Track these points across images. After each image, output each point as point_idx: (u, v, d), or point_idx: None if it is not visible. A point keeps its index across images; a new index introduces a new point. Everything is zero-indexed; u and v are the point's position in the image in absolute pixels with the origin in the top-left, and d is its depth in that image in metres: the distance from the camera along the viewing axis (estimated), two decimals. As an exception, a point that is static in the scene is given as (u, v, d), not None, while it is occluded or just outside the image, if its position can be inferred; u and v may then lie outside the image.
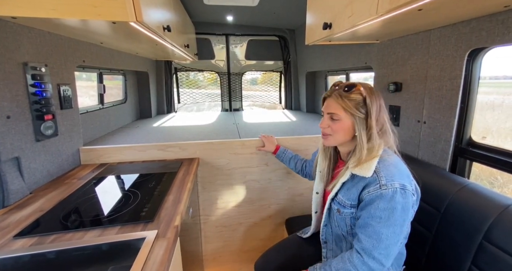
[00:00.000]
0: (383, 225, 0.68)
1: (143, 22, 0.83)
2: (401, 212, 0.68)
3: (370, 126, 0.73)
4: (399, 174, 0.70)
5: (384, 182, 0.69)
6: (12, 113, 0.87)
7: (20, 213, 0.81)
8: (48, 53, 1.04)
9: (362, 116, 0.74)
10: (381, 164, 0.72)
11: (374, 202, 0.70)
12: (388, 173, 0.70)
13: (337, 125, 0.77)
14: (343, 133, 0.77)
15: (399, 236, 0.69)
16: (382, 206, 0.68)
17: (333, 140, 0.80)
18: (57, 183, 1.04)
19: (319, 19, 1.15)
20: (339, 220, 0.81)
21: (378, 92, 0.78)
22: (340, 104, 0.74)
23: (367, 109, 0.73)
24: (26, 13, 0.75)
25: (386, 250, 0.68)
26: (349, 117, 0.75)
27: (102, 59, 1.50)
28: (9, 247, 0.63)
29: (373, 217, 0.69)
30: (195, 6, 2.01)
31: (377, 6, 0.68)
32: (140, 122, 2.19)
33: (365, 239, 0.70)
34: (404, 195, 0.68)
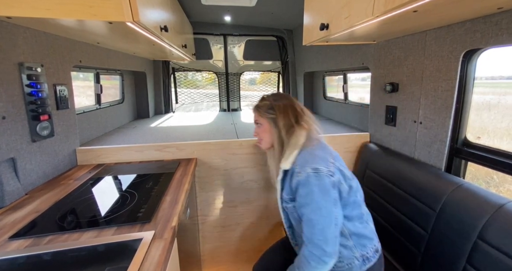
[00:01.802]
0: (310, 211, 0.74)
1: (140, 22, 0.83)
2: (319, 194, 0.73)
3: (282, 122, 0.88)
4: (312, 159, 0.78)
5: (298, 170, 0.78)
6: (7, 114, 0.87)
7: (15, 214, 0.80)
8: (44, 53, 1.03)
9: (273, 116, 0.90)
10: (300, 154, 0.82)
11: (298, 190, 0.78)
12: (302, 161, 0.79)
13: (261, 129, 0.95)
14: (267, 134, 0.93)
15: (328, 218, 0.73)
16: (301, 192, 0.76)
17: (264, 143, 0.96)
18: (53, 184, 1.04)
19: (316, 20, 1.15)
20: (291, 216, 0.88)
21: (288, 95, 0.96)
22: (258, 112, 0.94)
23: (274, 110, 0.90)
24: (21, 13, 0.74)
25: (322, 235, 0.72)
26: (266, 121, 0.92)
27: (98, 59, 1.49)
28: (4, 249, 0.63)
29: (301, 205, 0.77)
30: (192, 6, 2.00)
31: (373, 8, 0.69)
32: (137, 122, 2.18)
33: (305, 229, 0.75)
34: (318, 177, 0.74)
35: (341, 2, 0.88)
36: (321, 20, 1.03)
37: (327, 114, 2.47)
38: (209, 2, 1.88)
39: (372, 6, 0.69)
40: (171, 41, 1.32)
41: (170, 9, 1.44)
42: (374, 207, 1.31)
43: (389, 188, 1.21)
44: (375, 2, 0.67)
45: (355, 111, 1.94)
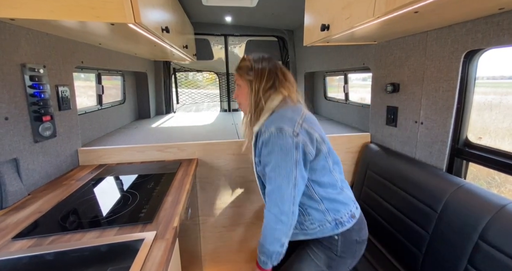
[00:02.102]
0: (270, 169, 0.75)
1: (142, 23, 0.83)
2: (280, 153, 0.73)
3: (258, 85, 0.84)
4: (280, 120, 0.77)
5: (263, 129, 0.78)
6: (10, 115, 0.87)
7: (18, 215, 0.81)
8: (46, 54, 1.04)
9: (251, 78, 0.85)
10: (271, 116, 0.82)
11: (261, 150, 0.79)
12: (269, 122, 0.79)
13: (240, 91, 0.90)
14: (244, 97, 0.89)
15: (286, 178, 0.73)
16: (264, 151, 0.77)
17: (243, 107, 0.92)
18: (55, 185, 1.04)
19: (317, 21, 1.15)
20: (264, 180, 0.86)
21: (272, 58, 0.89)
22: (237, 73, 0.89)
23: (253, 71, 0.85)
24: (24, 15, 0.75)
25: (279, 193, 0.74)
26: (245, 82, 0.87)
27: (100, 60, 1.50)
28: (7, 249, 0.63)
29: (264, 164, 0.78)
30: (193, 7, 2.01)
31: (374, 9, 0.69)
32: (138, 123, 2.19)
33: (267, 189, 0.78)
34: (280, 136, 0.73)
35: (342, 3, 0.88)
36: (322, 21, 1.04)
37: (328, 114, 2.47)
38: (210, 3, 1.89)
39: (373, 7, 0.69)
40: (172, 41, 1.33)
41: (171, 10, 1.44)
42: (375, 207, 1.31)
43: (390, 189, 1.21)
44: (376, 3, 0.67)
45: (356, 111, 1.94)
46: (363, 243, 0.88)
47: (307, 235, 0.86)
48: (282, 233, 0.76)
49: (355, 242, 0.84)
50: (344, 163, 1.60)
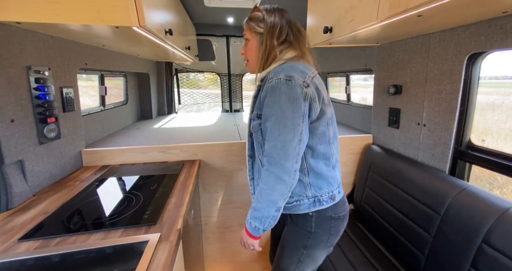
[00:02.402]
0: (274, 121, 0.67)
1: (146, 26, 0.84)
2: (287, 102, 0.65)
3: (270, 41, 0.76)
4: (289, 69, 0.70)
5: (271, 76, 0.70)
6: (16, 117, 0.88)
7: (24, 216, 0.82)
8: (51, 56, 1.05)
9: (262, 31, 0.77)
10: (279, 66, 0.73)
11: (265, 100, 0.69)
12: (278, 70, 0.71)
13: (248, 46, 0.82)
14: (252, 53, 0.81)
15: (292, 131, 0.66)
16: (268, 100, 0.68)
17: (250, 65, 0.84)
18: (60, 186, 1.05)
19: (319, 23, 1.16)
20: (255, 140, 0.79)
21: (286, 11, 0.81)
22: (247, 25, 0.81)
23: (265, 24, 0.76)
24: (30, 19, 0.75)
25: (283, 149, 0.66)
26: (254, 36, 0.79)
27: (103, 61, 1.51)
28: (14, 250, 0.64)
29: (266, 117, 0.69)
30: (196, 8, 2.01)
31: (377, 13, 0.69)
32: (141, 123, 2.20)
33: (267, 145, 0.69)
34: (289, 85, 0.66)
35: (345, 6, 0.89)
36: (325, 23, 1.04)
37: None
38: (212, 4, 1.89)
39: (377, 11, 0.69)
40: (175, 43, 1.34)
41: (174, 11, 1.45)
42: (377, 209, 1.31)
43: (392, 190, 1.21)
44: (380, 7, 0.68)
45: (358, 112, 1.94)
46: (340, 220, 0.82)
47: (289, 210, 0.80)
48: (281, 194, 0.69)
49: (329, 218, 0.79)
50: (346, 164, 1.60)
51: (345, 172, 1.62)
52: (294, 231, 0.84)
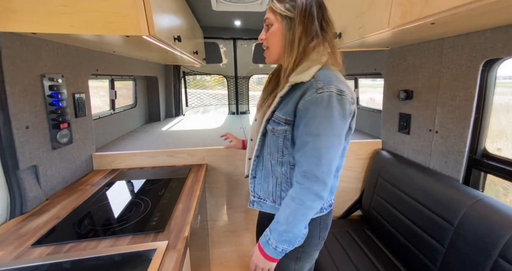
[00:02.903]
0: (322, 139, 0.62)
1: (155, 35, 0.85)
2: (338, 120, 0.62)
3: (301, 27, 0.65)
4: (336, 80, 0.64)
5: (321, 86, 0.62)
6: (30, 124, 0.91)
7: (37, 220, 0.84)
8: (64, 64, 1.08)
9: (291, 14, 0.65)
10: (321, 71, 0.66)
11: (309, 110, 0.62)
12: (326, 78, 0.64)
13: (270, 32, 0.70)
14: (275, 40, 0.69)
15: (338, 148, 0.64)
16: (318, 113, 0.61)
17: (270, 54, 0.73)
18: (71, 189, 1.08)
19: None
20: (272, 143, 0.74)
21: None
22: (271, 6, 0.69)
23: (295, 6, 0.65)
24: (45, 30, 0.78)
25: (328, 167, 0.63)
26: (279, 20, 0.67)
27: (114, 66, 1.54)
28: (28, 256, 0.66)
29: (310, 131, 0.63)
30: (204, 12, 2.03)
31: (388, 20, 0.68)
32: (149, 126, 2.23)
33: (305, 161, 0.64)
34: (341, 101, 0.62)
35: (354, 12, 0.87)
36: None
37: None
38: (220, 8, 1.90)
39: (388, 19, 0.68)
40: (183, 49, 1.35)
41: (183, 17, 1.47)
42: (386, 216, 1.28)
43: (402, 198, 1.18)
44: (391, 15, 0.66)
45: (366, 116, 1.90)
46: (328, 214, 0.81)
47: None
48: (315, 212, 0.66)
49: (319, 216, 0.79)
50: (354, 169, 1.58)
51: (353, 177, 1.60)
52: None
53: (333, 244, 1.29)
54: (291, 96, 0.68)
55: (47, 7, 0.75)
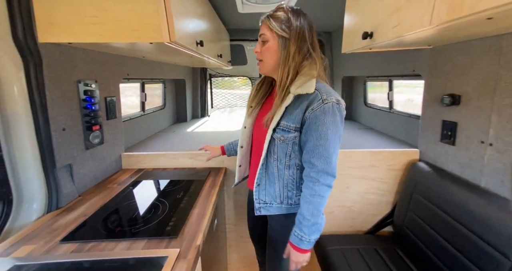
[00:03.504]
0: (330, 141, 0.74)
1: (176, 41, 0.86)
2: (339, 125, 0.76)
3: (294, 47, 0.75)
4: (333, 92, 0.77)
5: (325, 97, 0.74)
6: (67, 126, 0.99)
7: (68, 216, 0.91)
8: (98, 70, 1.16)
9: (286, 35, 0.75)
10: (319, 84, 0.77)
11: (319, 119, 0.74)
12: (326, 90, 0.76)
13: (266, 47, 0.79)
14: (270, 54, 0.80)
15: (336, 150, 0.77)
16: (327, 120, 0.73)
17: (264, 66, 0.83)
18: (101, 187, 1.15)
19: (358, 27, 1.04)
20: (280, 150, 0.83)
21: (307, 15, 0.80)
22: (268, 24, 0.77)
23: (290, 28, 0.75)
24: (79, 39, 0.84)
25: (335, 163, 0.77)
26: (275, 37, 0.77)
27: (144, 71, 1.62)
28: (55, 251, 0.71)
29: (321, 135, 0.74)
30: (230, 15, 2.04)
31: (431, 16, 0.57)
32: (176, 127, 2.32)
33: (318, 161, 0.76)
34: (339, 109, 0.75)
35: (389, 8, 0.77)
36: (365, 28, 0.93)
37: (368, 122, 2.26)
38: (246, 10, 1.89)
39: (430, 15, 0.58)
40: (206, 53, 1.36)
41: (207, 21, 1.48)
42: (422, 237, 1.13)
43: (443, 219, 1.03)
44: (434, 10, 0.56)
45: (401, 121, 1.72)
46: None
47: (289, 210, 0.89)
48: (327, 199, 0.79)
49: None
50: (385, 181, 1.43)
51: (383, 189, 1.45)
52: (287, 232, 0.89)
53: (358, 261, 1.18)
54: (296, 106, 0.78)
55: (80, 19, 0.81)
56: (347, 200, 1.48)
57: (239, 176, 1.08)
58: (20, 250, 0.71)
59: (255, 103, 0.95)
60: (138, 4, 0.79)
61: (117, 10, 0.80)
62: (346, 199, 1.48)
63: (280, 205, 0.89)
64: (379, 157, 1.40)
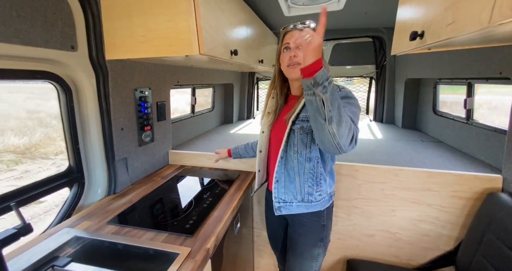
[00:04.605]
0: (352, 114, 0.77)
1: (206, 53, 0.92)
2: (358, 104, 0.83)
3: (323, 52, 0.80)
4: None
5: (342, 87, 0.84)
6: (124, 126, 1.20)
7: (120, 201, 1.11)
8: (151, 79, 1.35)
9: None
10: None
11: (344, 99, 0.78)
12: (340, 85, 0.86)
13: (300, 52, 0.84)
14: None
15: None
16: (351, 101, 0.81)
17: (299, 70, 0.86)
18: (148, 179, 1.35)
19: (409, 25, 0.87)
20: (299, 141, 0.87)
21: None
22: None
23: None
24: (133, 56, 1.00)
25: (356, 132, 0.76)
26: None
27: (193, 77, 1.80)
28: (102, 230, 0.88)
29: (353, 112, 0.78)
30: (276, 19, 2.03)
31: (491, 13, 0.43)
32: (222, 128, 2.49)
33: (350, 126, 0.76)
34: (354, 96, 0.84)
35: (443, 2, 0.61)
36: (412, 27, 0.77)
37: (437, 134, 1.87)
38: (292, 13, 1.84)
39: (491, 11, 0.43)
40: (243, 60, 1.40)
41: (247, 28, 1.51)
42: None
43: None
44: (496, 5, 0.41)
45: (482, 136, 1.35)
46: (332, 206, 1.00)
47: (309, 208, 0.92)
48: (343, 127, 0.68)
49: (331, 208, 0.98)
50: (446, 210, 1.17)
51: (443, 220, 1.18)
52: (306, 231, 0.95)
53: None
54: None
55: (133, 39, 0.96)
56: (391, 225, 1.28)
57: (259, 181, 1.08)
58: (82, 225, 0.92)
59: (272, 109, 0.99)
60: (175, 23, 0.89)
61: (159, 29, 0.92)
62: (390, 224, 1.28)
63: (300, 203, 0.91)
64: (438, 180, 1.14)
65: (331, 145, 0.69)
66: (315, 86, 0.63)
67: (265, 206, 1.17)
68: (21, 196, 0.86)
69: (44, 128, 4.85)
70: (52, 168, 4.28)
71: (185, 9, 0.87)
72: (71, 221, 0.94)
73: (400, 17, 1.02)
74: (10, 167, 4.07)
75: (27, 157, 4.43)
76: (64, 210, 1.03)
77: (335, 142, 0.67)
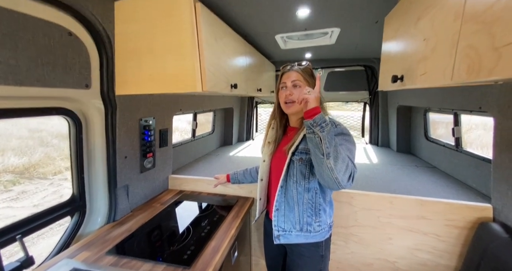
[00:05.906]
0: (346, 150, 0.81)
1: (208, 90, 1.00)
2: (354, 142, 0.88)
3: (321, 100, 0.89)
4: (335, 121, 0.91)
5: (337, 124, 0.90)
6: (128, 154, 1.26)
7: (119, 229, 1.12)
8: (156, 109, 1.44)
9: (312, 82, 0.95)
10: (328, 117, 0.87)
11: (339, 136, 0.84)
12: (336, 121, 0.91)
13: (299, 91, 0.92)
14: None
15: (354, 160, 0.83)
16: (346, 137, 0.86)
17: (295, 106, 0.93)
18: (147, 205, 1.37)
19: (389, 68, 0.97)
20: (298, 172, 0.92)
21: None
22: (300, 74, 0.95)
23: (313, 77, 0.97)
24: (140, 91, 1.08)
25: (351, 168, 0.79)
26: (306, 84, 0.94)
27: (195, 104, 1.89)
28: (100, 262, 0.89)
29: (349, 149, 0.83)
30: (273, 51, 2.19)
31: (452, 73, 0.50)
32: (221, 150, 2.54)
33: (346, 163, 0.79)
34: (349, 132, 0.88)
35: (417, 54, 0.70)
36: (394, 71, 0.86)
37: (430, 159, 1.92)
38: (289, 46, 2.00)
39: (451, 71, 0.51)
40: (242, 92, 1.50)
41: (246, 61, 1.64)
42: None
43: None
44: (455, 67, 0.49)
45: (472, 163, 1.40)
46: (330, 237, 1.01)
47: (308, 239, 0.93)
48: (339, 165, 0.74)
49: (329, 239, 0.99)
50: (442, 240, 1.18)
51: (440, 249, 1.18)
52: (305, 262, 0.96)
53: None
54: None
55: (142, 77, 1.06)
56: (389, 253, 1.27)
57: (260, 209, 1.10)
58: (80, 255, 0.92)
59: (272, 139, 1.04)
60: (181, 63, 0.99)
61: (166, 69, 1.01)
62: (388, 252, 1.27)
63: (299, 233, 0.93)
64: (431, 208, 1.17)
65: (330, 179, 0.74)
66: (314, 126, 0.73)
67: (264, 234, 1.18)
68: (25, 227, 0.88)
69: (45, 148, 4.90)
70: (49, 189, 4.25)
71: (190, 52, 0.97)
72: (70, 251, 0.95)
73: (383, 58, 1.13)
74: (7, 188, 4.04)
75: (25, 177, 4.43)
76: (64, 239, 1.04)
77: (333, 177, 0.73)
